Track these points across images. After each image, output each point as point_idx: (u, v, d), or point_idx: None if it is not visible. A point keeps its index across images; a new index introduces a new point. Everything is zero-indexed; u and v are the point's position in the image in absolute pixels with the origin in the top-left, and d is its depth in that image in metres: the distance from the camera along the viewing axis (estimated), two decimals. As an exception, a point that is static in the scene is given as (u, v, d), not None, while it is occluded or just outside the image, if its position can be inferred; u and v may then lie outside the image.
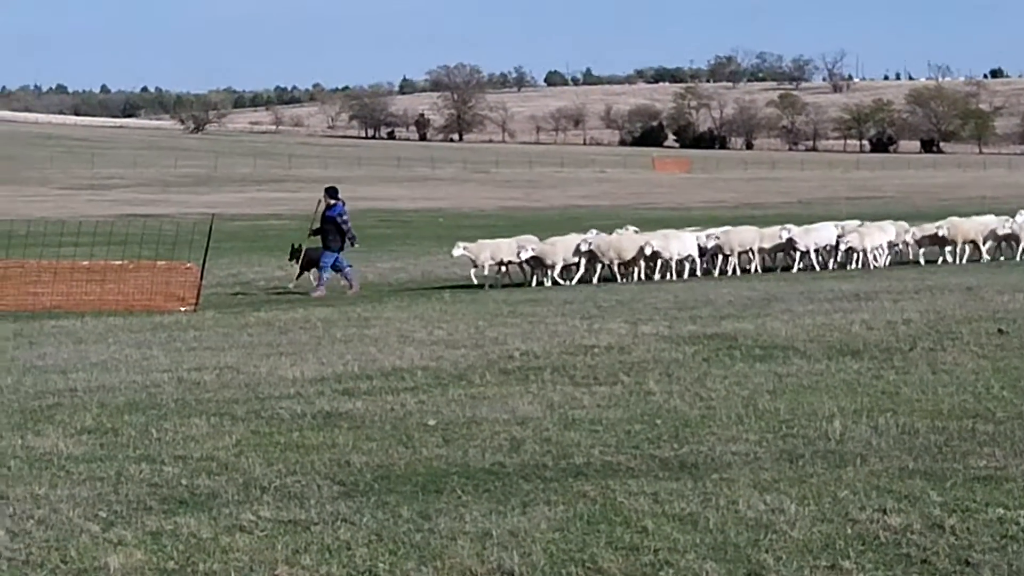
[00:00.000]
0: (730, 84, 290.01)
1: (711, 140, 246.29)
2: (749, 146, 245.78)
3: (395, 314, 27.73)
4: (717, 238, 38.94)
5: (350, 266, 36.11)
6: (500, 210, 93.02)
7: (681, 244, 37.99)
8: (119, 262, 37.56)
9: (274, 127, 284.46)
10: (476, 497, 10.57)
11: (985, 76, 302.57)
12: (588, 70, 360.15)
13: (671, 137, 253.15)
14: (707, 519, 9.64)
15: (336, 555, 9.10)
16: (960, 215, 44.07)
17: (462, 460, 11.99)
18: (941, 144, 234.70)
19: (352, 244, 36.74)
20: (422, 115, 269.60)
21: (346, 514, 10.17)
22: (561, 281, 36.23)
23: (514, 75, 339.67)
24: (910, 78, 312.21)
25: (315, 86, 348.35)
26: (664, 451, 12.07)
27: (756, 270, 39.30)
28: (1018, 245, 41.28)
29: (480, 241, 37.05)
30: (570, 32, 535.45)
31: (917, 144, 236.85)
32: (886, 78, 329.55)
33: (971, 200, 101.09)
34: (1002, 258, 40.98)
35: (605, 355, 18.86)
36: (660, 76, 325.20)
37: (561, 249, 36.77)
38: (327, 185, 39.05)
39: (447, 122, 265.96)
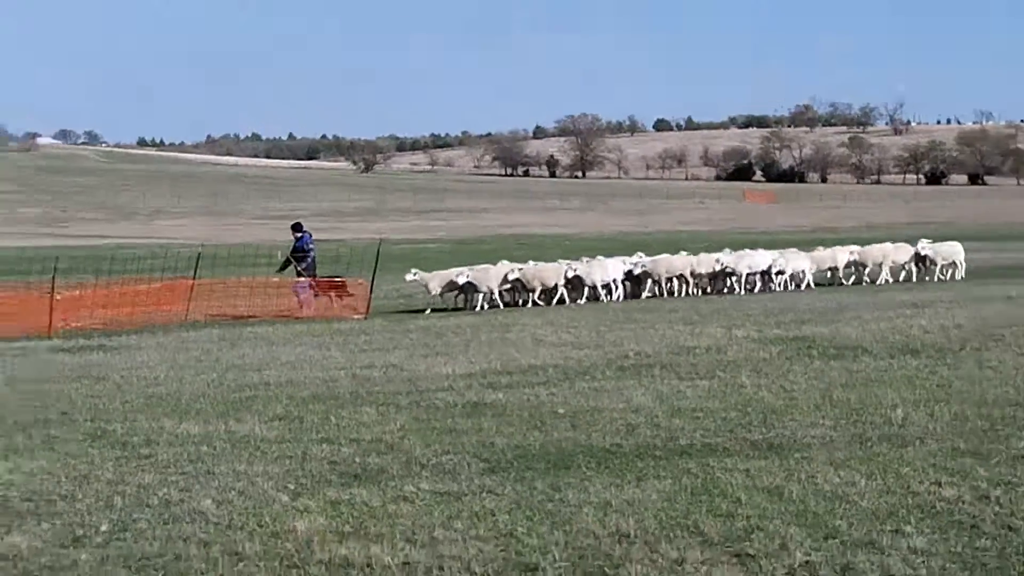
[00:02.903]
0: (808, 128, 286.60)
1: (792, 176, 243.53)
2: (824, 180, 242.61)
3: (530, 320, 27.77)
4: (644, 266, 36.75)
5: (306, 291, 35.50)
6: (616, 234, 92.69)
7: (603, 271, 35.88)
8: (303, 279, 37.98)
9: (430, 167, 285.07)
10: (598, 472, 10.57)
11: (1022, 120, 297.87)
12: (689, 118, 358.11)
13: (758, 173, 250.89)
14: (790, 491, 9.58)
15: (483, 520, 9.13)
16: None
17: (586, 442, 11.99)
18: (985, 178, 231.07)
19: (293, 266, 36.11)
20: (552, 156, 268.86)
21: (491, 486, 10.20)
22: (487, 306, 34.39)
23: (627, 122, 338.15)
24: (958, 122, 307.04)
25: (463, 133, 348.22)
26: (754, 434, 12.01)
27: (690, 293, 36.52)
28: (935, 267, 40.03)
29: (434, 272, 35.66)
30: (674, 85, 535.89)
31: (965, 178, 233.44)
32: (938, 122, 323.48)
33: (1013, 224, 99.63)
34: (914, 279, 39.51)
35: (705, 355, 18.80)
36: (749, 122, 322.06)
37: (494, 276, 35.14)
38: (293, 222, 38.49)
39: (572, 162, 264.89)
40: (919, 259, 40.29)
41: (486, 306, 34.39)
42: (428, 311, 34.00)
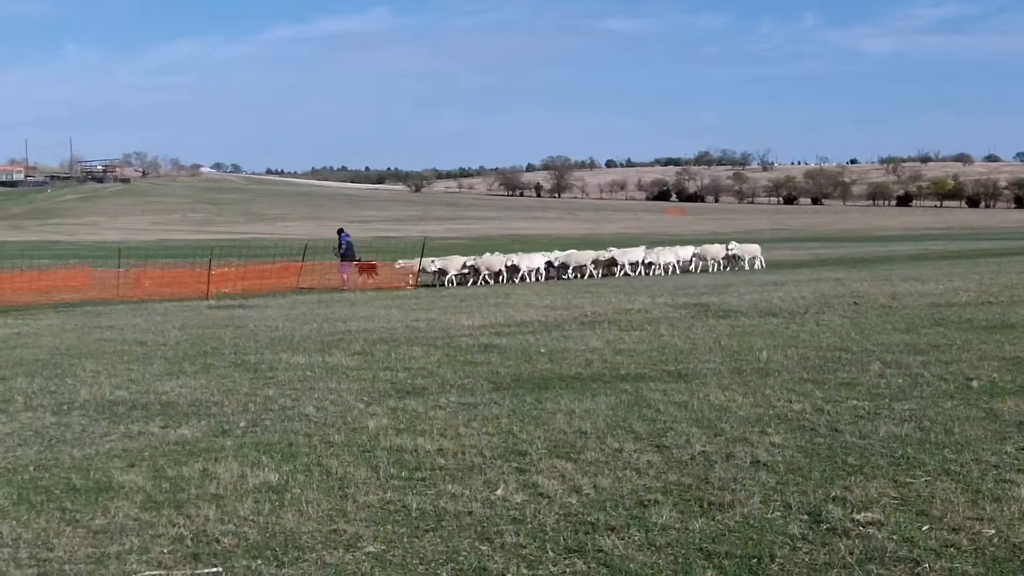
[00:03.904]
0: (707, 166, 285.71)
1: (696, 198, 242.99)
2: (716, 201, 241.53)
3: (523, 291, 27.77)
4: (559, 259, 36.29)
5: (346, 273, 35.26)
6: (580, 235, 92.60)
7: (531, 261, 35.29)
8: (374, 261, 37.98)
9: (458, 189, 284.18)
10: (566, 391, 10.57)
11: (848, 162, 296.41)
12: (629, 159, 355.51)
13: (674, 196, 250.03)
14: (693, 404, 9.57)
15: (490, 422, 9.12)
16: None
17: (559, 371, 11.98)
18: (822, 200, 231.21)
19: (337, 255, 36.49)
20: (539, 183, 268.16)
21: (496, 399, 10.20)
22: (451, 285, 33.43)
23: (588, 161, 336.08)
24: (805, 163, 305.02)
25: (480, 167, 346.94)
26: (669, 367, 12.00)
27: (592, 276, 35.70)
28: (742, 261, 39.88)
29: (415, 259, 35.27)
30: (620, 136, 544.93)
31: (809, 200, 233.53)
32: (792, 163, 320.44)
33: (840, 231, 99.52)
34: (727, 269, 39.17)
35: (637, 314, 18.79)
36: (669, 162, 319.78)
37: (456, 264, 34.49)
38: (338, 228, 39.13)
39: (552, 187, 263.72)
40: (732, 255, 40.38)
41: (448, 284, 33.79)
42: (448, 284, 33.94)
